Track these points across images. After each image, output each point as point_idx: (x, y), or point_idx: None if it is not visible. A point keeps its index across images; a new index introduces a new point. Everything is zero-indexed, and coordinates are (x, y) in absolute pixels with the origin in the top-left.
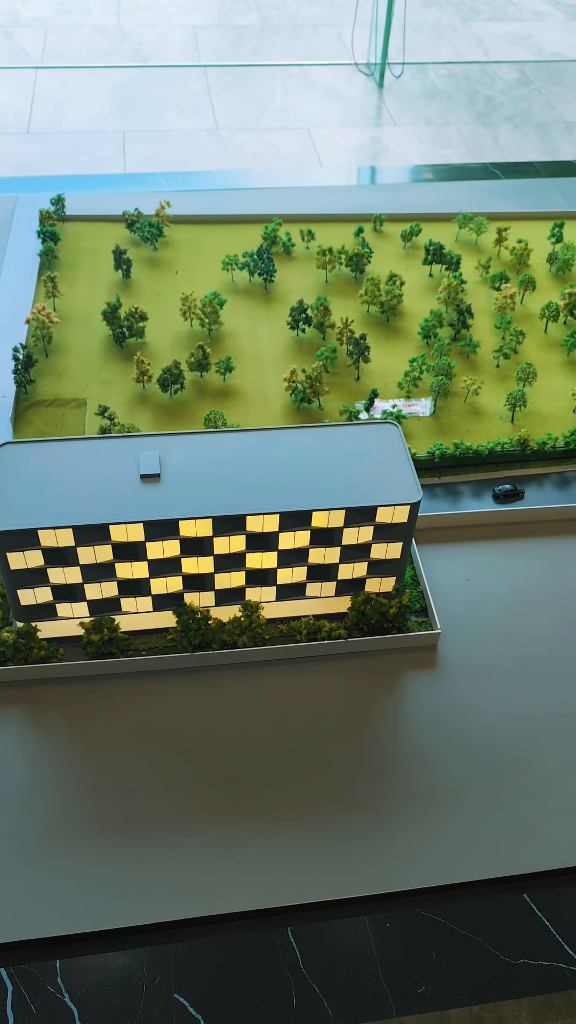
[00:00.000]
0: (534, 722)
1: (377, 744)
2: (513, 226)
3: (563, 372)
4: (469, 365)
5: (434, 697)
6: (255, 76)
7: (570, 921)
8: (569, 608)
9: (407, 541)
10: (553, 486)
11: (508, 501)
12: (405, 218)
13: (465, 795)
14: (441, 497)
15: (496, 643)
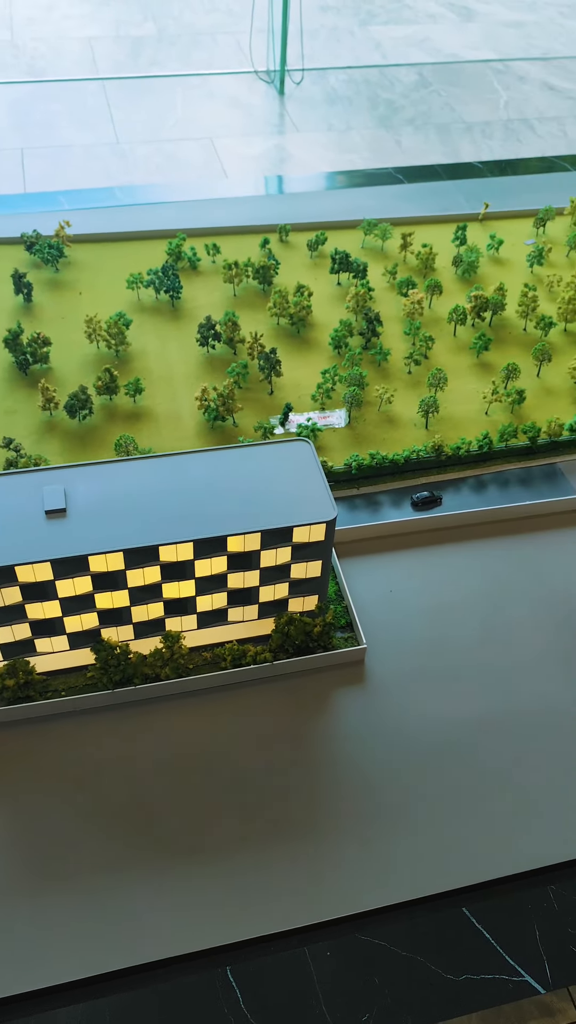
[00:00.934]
0: (465, 730)
1: (309, 768)
2: (417, 230)
3: (473, 375)
4: (381, 373)
5: (364, 714)
6: (155, 87)
7: (510, 931)
8: (492, 612)
9: (326, 559)
10: (470, 490)
11: (427, 508)
12: (311, 227)
13: (400, 813)
14: (360, 508)
15: (423, 652)
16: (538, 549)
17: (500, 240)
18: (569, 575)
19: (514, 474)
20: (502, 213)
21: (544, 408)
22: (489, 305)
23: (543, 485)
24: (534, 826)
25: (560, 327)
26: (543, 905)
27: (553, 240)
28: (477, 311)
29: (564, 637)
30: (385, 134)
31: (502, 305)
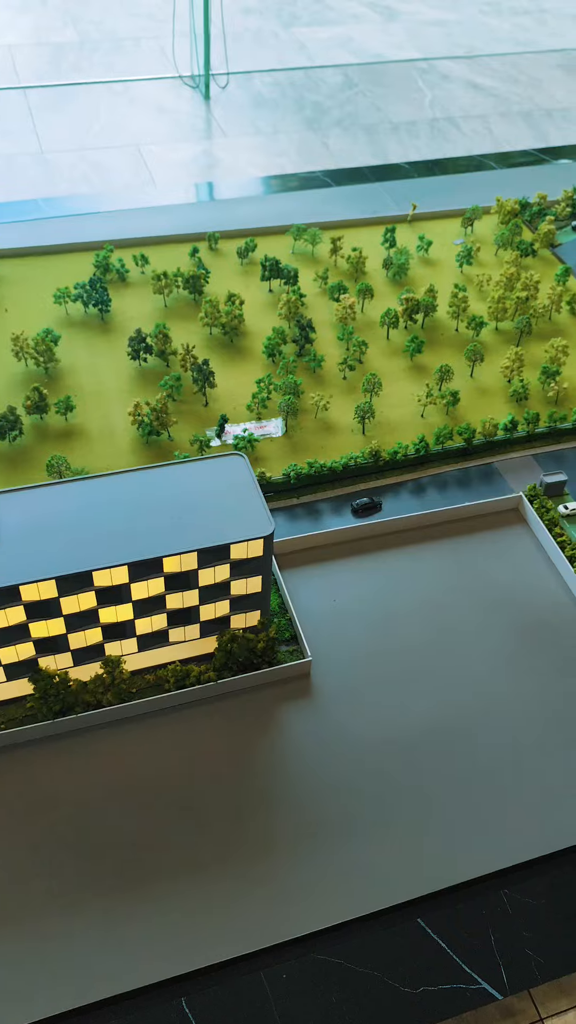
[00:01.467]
0: (413, 738)
1: (257, 787)
2: (347, 234)
3: (408, 378)
4: (316, 380)
5: (311, 728)
6: (78, 95)
7: (466, 940)
8: (436, 615)
9: (266, 573)
10: (409, 494)
11: (367, 514)
12: (240, 234)
13: (350, 826)
14: (301, 518)
15: (368, 661)
16: (479, 550)
17: (429, 241)
18: (510, 574)
19: (452, 476)
20: (430, 214)
21: (478, 408)
22: (421, 307)
23: (481, 485)
24: (485, 831)
25: (491, 326)
26: (497, 910)
27: (481, 239)
28: (409, 314)
29: (508, 637)
30: (313, 136)
31: (433, 306)
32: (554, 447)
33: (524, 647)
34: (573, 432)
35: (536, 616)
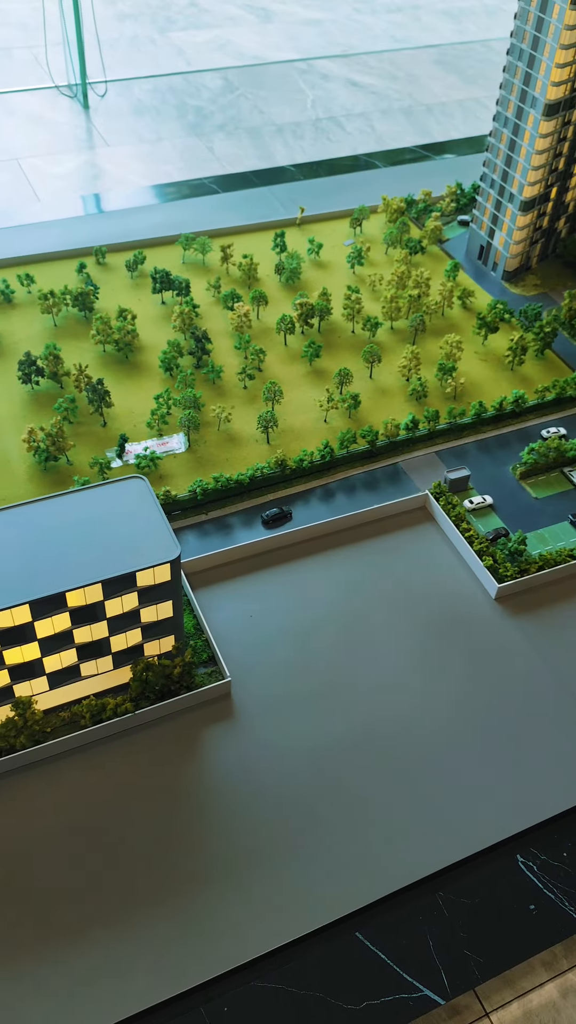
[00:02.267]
0: (337, 748)
1: (185, 817)
2: (237, 240)
3: (308, 383)
4: (216, 392)
5: (235, 749)
6: None
7: (405, 948)
8: (354, 621)
9: (177, 597)
10: (318, 500)
11: (277, 525)
12: (128, 247)
13: (282, 846)
14: (212, 534)
15: (288, 674)
16: (390, 551)
17: (319, 244)
18: (422, 573)
19: (359, 479)
20: (319, 216)
21: (380, 409)
22: (315, 311)
23: (388, 486)
24: (416, 835)
25: (386, 326)
26: (434, 914)
27: (370, 239)
28: (304, 318)
29: (425, 636)
30: (197, 142)
31: (328, 310)
32: (455, 443)
33: (441, 644)
34: (473, 427)
35: (450, 612)
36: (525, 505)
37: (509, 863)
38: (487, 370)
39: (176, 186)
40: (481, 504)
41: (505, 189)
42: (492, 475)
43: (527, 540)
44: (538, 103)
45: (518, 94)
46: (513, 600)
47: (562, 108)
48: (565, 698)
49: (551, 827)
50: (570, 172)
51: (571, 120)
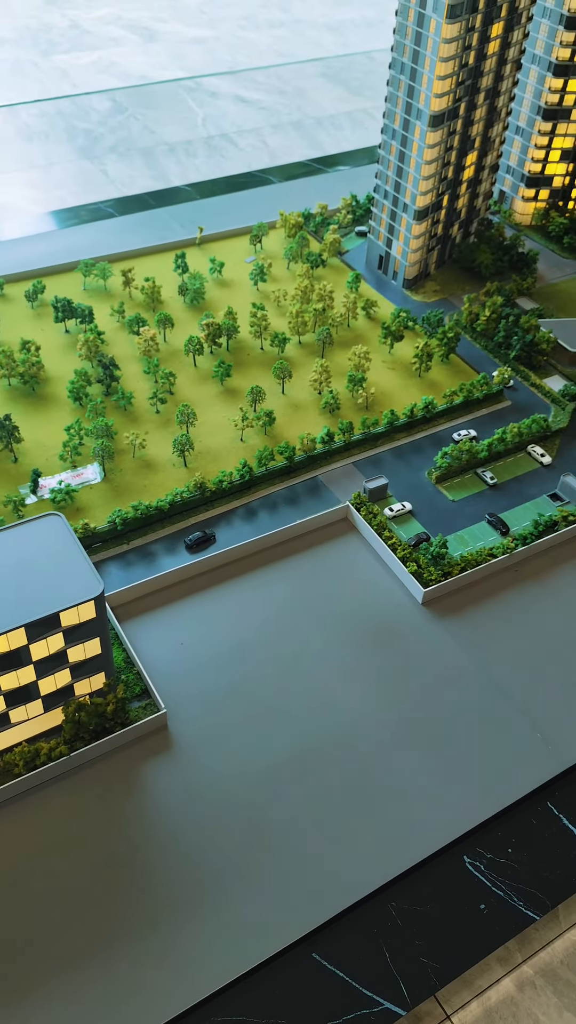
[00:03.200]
0: (278, 769)
1: (130, 857)
2: (137, 264)
3: (221, 403)
4: (129, 418)
5: (175, 782)
6: None
7: (363, 963)
8: (284, 639)
9: (104, 633)
10: (240, 520)
11: (201, 548)
12: (26, 276)
13: (231, 876)
14: (135, 564)
15: (224, 699)
16: (316, 565)
17: (221, 262)
18: (349, 584)
19: (280, 495)
20: (218, 234)
21: (295, 425)
22: (222, 330)
23: (309, 500)
24: (364, 847)
25: (294, 341)
26: (388, 925)
27: (271, 255)
28: (212, 338)
29: (357, 647)
30: (90, 165)
31: (235, 328)
32: (372, 452)
33: (374, 653)
34: (387, 435)
35: (380, 620)
36: (443, 508)
37: (457, 865)
38: (396, 378)
39: (72, 211)
40: (401, 511)
41: (398, 199)
42: (409, 481)
43: (448, 543)
44: (423, 115)
45: (403, 107)
46: (439, 603)
47: (447, 119)
48: (497, 695)
49: (494, 824)
50: (459, 180)
51: (456, 130)
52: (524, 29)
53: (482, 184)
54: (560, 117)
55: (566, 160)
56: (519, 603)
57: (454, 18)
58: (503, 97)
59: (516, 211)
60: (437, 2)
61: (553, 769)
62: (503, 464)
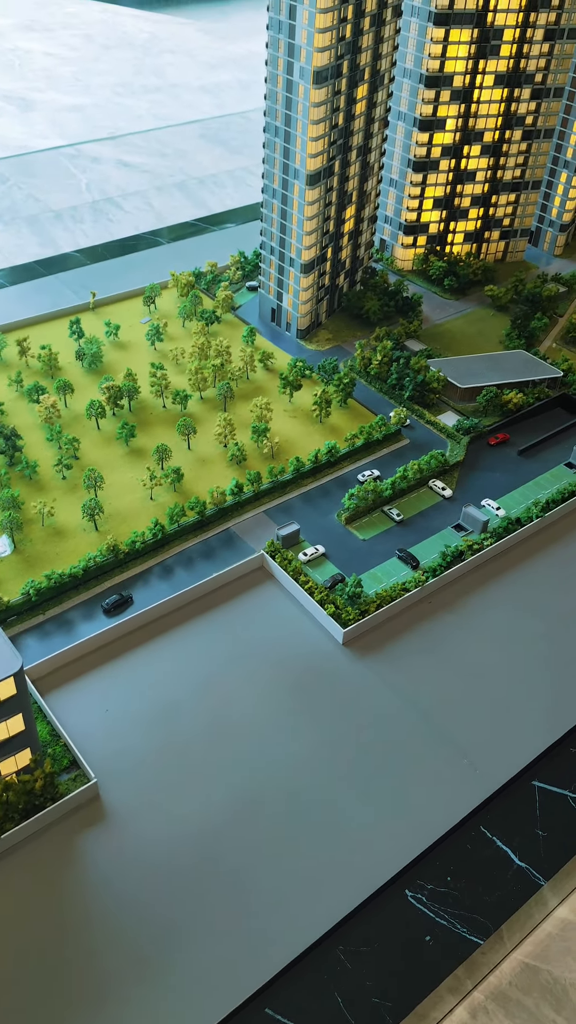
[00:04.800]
0: (216, 826)
1: (71, 937)
2: (32, 333)
3: (127, 464)
4: (35, 487)
5: (112, 852)
6: None
7: (317, 1012)
8: (211, 694)
9: (26, 709)
10: (157, 579)
11: (120, 611)
12: None
13: (175, 941)
14: (53, 634)
15: (156, 761)
16: (237, 616)
17: (116, 325)
18: (270, 632)
19: (195, 550)
20: (111, 298)
21: (203, 479)
22: (123, 392)
23: (224, 552)
24: (306, 896)
25: (195, 397)
26: (337, 970)
27: (166, 315)
28: (114, 401)
29: (285, 695)
30: None
31: (136, 389)
32: (281, 499)
33: (300, 698)
34: (294, 482)
35: (303, 665)
36: (355, 548)
37: (399, 900)
38: (298, 426)
39: None
40: (315, 554)
41: (285, 254)
42: (320, 525)
43: (362, 582)
44: (300, 174)
45: (280, 167)
46: (359, 641)
47: (323, 176)
48: (422, 726)
49: (432, 854)
50: (341, 232)
51: (333, 186)
52: (388, 89)
53: (363, 235)
54: (429, 168)
55: (439, 208)
56: (434, 633)
57: (320, 84)
58: (374, 153)
59: (397, 258)
60: (303, 70)
61: (483, 792)
62: (407, 500)
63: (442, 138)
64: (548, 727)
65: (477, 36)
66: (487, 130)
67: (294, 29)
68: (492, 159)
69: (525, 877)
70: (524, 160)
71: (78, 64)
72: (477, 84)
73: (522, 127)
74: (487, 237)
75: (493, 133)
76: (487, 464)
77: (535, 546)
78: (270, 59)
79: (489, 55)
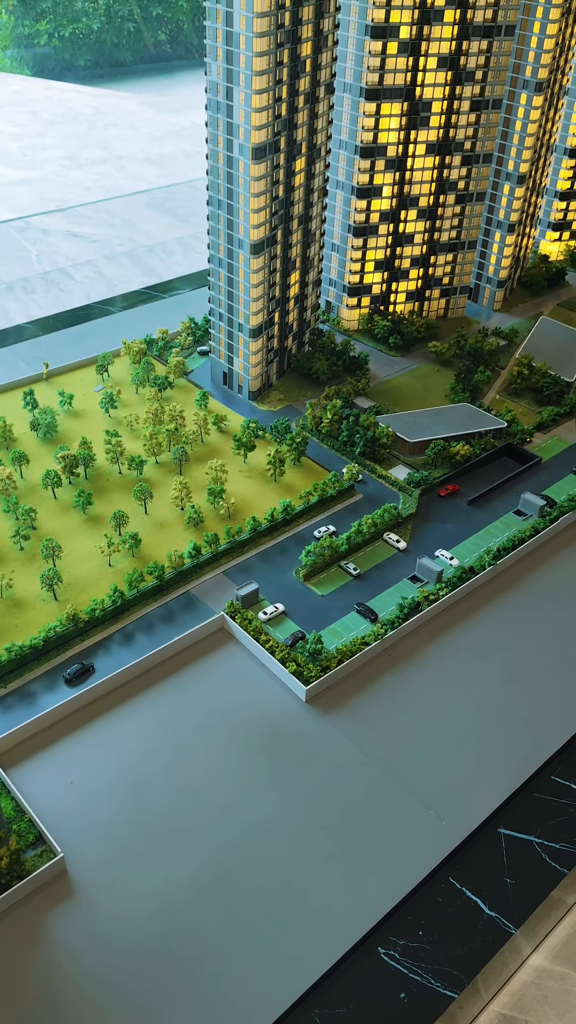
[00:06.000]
0: (186, 893)
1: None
2: None
3: (85, 531)
4: None
5: (81, 929)
6: None
7: None
8: (177, 761)
9: None
10: (118, 646)
11: (82, 681)
12: None
13: (146, 1018)
14: (14, 707)
15: (123, 833)
16: (199, 679)
17: (70, 394)
18: (234, 694)
19: (155, 615)
20: (65, 368)
21: (161, 543)
22: (79, 460)
23: (184, 615)
24: (279, 960)
25: (151, 462)
26: None
27: (119, 382)
28: (69, 469)
29: (252, 757)
30: None
31: (91, 457)
32: (239, 559)
33: (266, 758)
34: (252, 541)
35: (267, 725)
36: (314, 604)
37: (373, 959)
38: (253, 485)
39: None
40: (274, 613)
41: (233, 320)
42: (279, 583)
43: (322, 638)
44: (244, 244)
45: (225, 237)
46: (322, 698)
47: (266, 245)
48: (387, 781)
49: (403, 909)
50: (287, 297)
51: (277, 254)
52: (325, 160)
53: (308, 298)
54: (369, 233)
55: (380, 269)
56: (395, 685)
57: (259, 159)
58: (315, 220)
59: (343, 319)
60: (242, 147)
61: (450, 843)
62: (363, 554)
63: (379, 204)
64: (511, 773)
65: (407, 109)
66: (422, 195)
67: (232, 109)
68: (428, 222)
69: (496, 926)
70: (459, 222)
71: (25, 140)
72: (410, 153)
73: (455, 191)
74: (428, 295)
75: (428, 198)
76: (439, 515)
77: (489, 594)
78: (210, 136)
79: (419, 126)
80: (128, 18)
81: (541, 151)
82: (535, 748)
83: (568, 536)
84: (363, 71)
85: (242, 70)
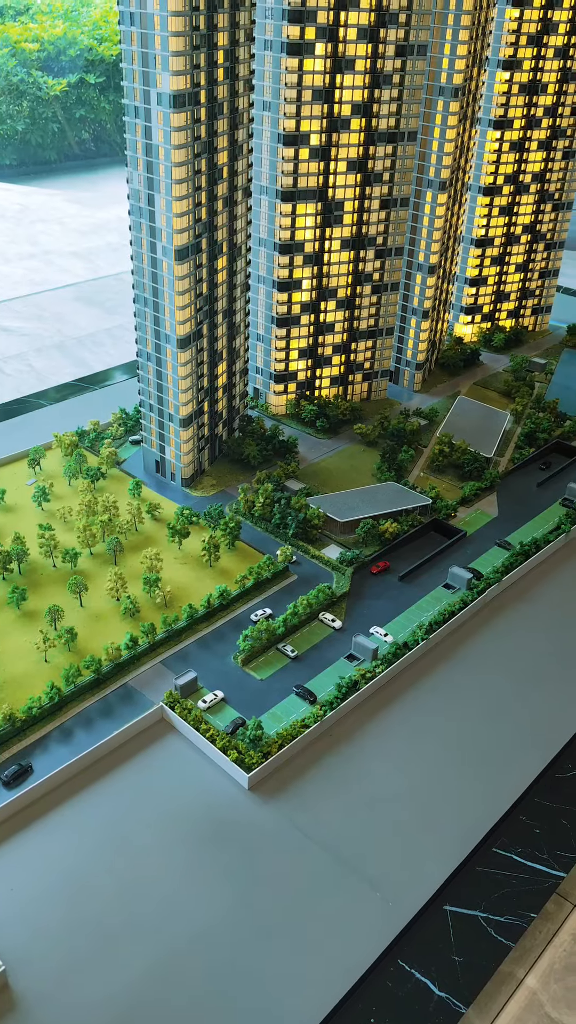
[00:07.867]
0: (137, 998)
1: None
2: None
3: (19, 629)
4: None
5: None
6: None
7: None
8: (121, 859)
9: None
10: (57, 744)
11: (20, 782)
12: None
13: None
14: None
15: (68, 939)
16: (140, 772)
17: (2, 489)
18: (176, 785)
19: (93, 709)
20: None
21: (98, 636)
22: (12, 556)
23: (123, 708)
24: None
25: (85, 554)
26: None
27: (51, 475)
28: (3, 565)
29: (198, 850)
30: None
31: (24, 551)
32: (177, 648)
33: (210, 851)
34: (189, 628)
35: (210, 815)
36: (253, 689)
37: None
38: (189, 572)
39: None
40: (214, 700)
41: (164, 411)
42: (217, 669)
43: (263, 723)
44: (171, 339)
45: (152, 332)
46: (264, 784)
47: (193, 339)
48: (333, 865)
49: (354, 997)
50: (215, 387)
51: (203, 347)
52: (246, 258)
53: (236, 386)
54: (291, 323)
55: (304, 357)
56: (336, 766)
57: (182, 260)
58: (239, 313)
59: (271, 404)
60: (165, 248)
61: (397, 925)
62: (300, 635)
63: (300, 296)
64: (453, 849)
65: (321, 208)
66: (340, 287)
67: (154, 214)
68: (347, 311)
69: (447, 1007)
70: (376, 311)
71: None
72: (326, 248)
73: (371, 283)
74: (351, 380)
75: (346, 289)
76: (372, 592)
77: (423, 668)
78: (134, 239)
79: (334, 223)
80: (52, 119)
81: (449, 242)
82: (475, 821)
83: (495, 606)
84: (278, 175)
85: (162, 179)
